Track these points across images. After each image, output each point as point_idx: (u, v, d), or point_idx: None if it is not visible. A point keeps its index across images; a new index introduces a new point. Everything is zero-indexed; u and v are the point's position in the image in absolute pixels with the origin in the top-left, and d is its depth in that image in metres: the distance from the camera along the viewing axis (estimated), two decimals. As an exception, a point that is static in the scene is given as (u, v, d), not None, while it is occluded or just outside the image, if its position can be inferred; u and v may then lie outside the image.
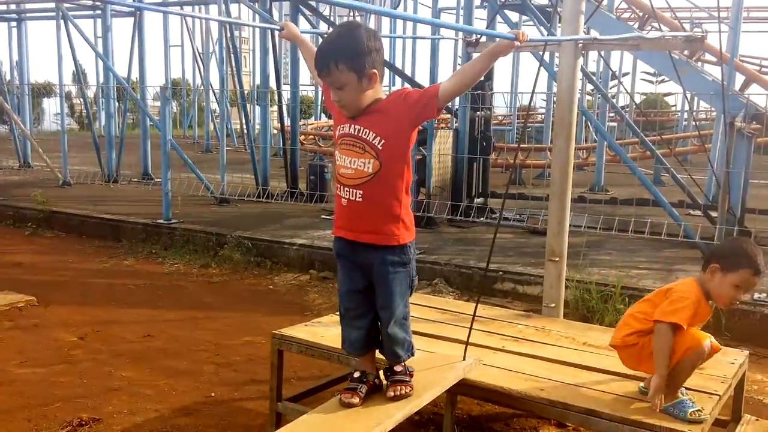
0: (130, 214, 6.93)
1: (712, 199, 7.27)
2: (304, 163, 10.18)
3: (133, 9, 9.72)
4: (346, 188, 2.04)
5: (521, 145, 10.66)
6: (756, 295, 4.33)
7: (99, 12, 9.51)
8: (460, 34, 7.18)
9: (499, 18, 7.68)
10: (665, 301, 2.15)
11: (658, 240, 5.82)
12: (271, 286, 5.22)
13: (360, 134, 2.00)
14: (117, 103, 10.76)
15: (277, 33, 2.41)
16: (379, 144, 1.98)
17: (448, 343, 2.82)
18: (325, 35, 2.04)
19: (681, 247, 5.69)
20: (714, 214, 6.12)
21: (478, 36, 4.65)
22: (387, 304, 2.07)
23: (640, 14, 9.00)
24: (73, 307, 4.53)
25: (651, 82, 24.80)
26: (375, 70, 1.97)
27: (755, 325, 4.16)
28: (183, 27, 19.83)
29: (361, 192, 2.00)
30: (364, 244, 2.06)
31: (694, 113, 16.36)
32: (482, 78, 8.14)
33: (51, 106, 27.41)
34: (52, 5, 8.06)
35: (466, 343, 2.53)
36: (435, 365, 2.40)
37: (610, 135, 10.14)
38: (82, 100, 12.07)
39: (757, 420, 2.71)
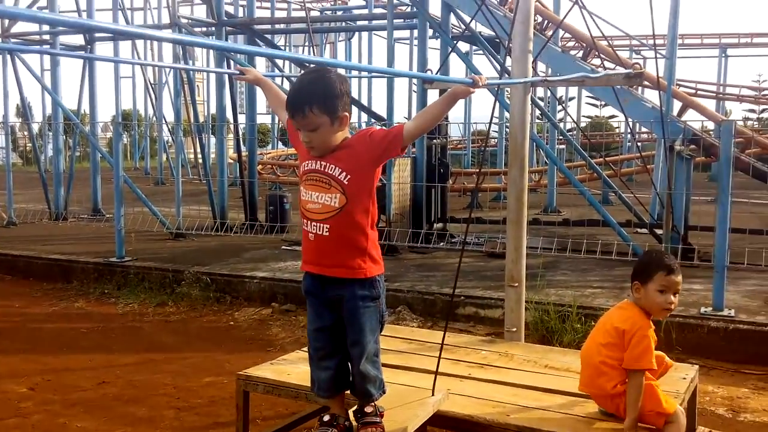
0: (80, 254, 6.68)
1: (657, 217, 7.57)
2: (262, 192, 10.07)
3: (83, 43, 9.54)
4: (313, 223, 2.08)
5: (478, 171, 10.83)
6: (702, 309, 4.49)
7: (47, 47, 9.26)
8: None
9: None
10: (630, 347, 2.21)
11: (610, 259, 6.00)
12: (232, 322, 5.10)
13: (326, 170, 2.06)
14: (65, 137, 10.45)
15: (235, 77, 2.46)
16: (345, 179, 2.04)
17: (416, 374, 2.82)
18: (295, 78, 2.07)
19: (631, 265, 5.85)
20: (660, 232, 6.38)
21: (433, 73, 4.77)
22: (358, 340, 2.08)
23: (584, 45, 9.40)
24: (22, 356, 4.30)
25: (596, 105, 25.78)
26: (346, 113, 2.07)
27: (703, 337, 4.31)
28: (134, 58, 19.52)
29: (328, 226, 2.05)
30: (332, 278, 2.08)
31: (637, 135, 17.08)
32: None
33: (-7, 141, 26.40)
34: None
35: (435, 377, 2.53)
36: (405, 402, 2.39)
37: (559, 158, 10.47)
38: (27, 133, 11.65)
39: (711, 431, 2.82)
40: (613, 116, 24.32)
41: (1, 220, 8.81)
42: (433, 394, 2.44)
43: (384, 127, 2.21)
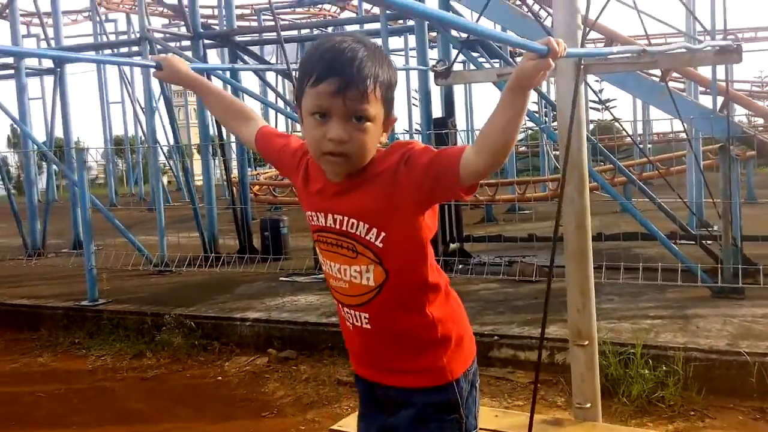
0: (50, 297, 5.86)
1: (697, 227, 6.78)
2: (261, 214, 9.31)
3: (52, 66, 8.83)
4: (345, 308, 1.41)
5: (486, 182, 9.97)
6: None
7: (12, 72, 8.54)
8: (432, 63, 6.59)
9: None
10: None
11: (656, 277, 5.16)
12: (220, 377, 4.26)
13: (345, 227, 1.30)
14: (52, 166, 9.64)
15: (154, 74, 1.67)
16: (377, 240, 1.30)
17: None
18: (326, 43, 1.30)
19: (684, 285, 5.01)
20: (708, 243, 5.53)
21: (447, 65, 3.98)
22: None
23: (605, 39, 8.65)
24: (-45, 438, 3.48)
25: (597, 109, 24.97)
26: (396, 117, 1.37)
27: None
28: (121, 84, 18.95)
29: (367, 315, 1.36)
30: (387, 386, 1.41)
31: (653, 136, 16.34)
32: (444, 116, 7.38)
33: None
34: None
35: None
36: None
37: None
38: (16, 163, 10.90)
39: None
40: (616, 119, 23.52)
41: (-31, 260, 7.99)
42: None
43: (417, 144, 1.35)
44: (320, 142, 1.26)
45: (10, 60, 8.29)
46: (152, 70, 1.66)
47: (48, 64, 8.85)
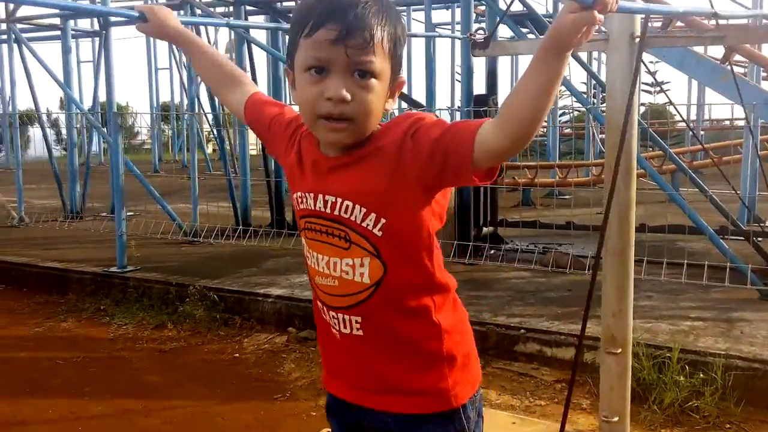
0: (81, 261, 5.93)
1: (748, 222, 6.35)
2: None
3: (97, 28, 8.87)
4: (332, 312, 1.18)
5: (525, 165, 9.57)
6: None
7: (59, 33, 8.62)
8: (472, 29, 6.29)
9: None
10: None
11: (700, 274, 4.81)
12: (237, 354, 4.21)
13: (337, 212, 1.10)
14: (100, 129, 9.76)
15: (137, 27, 1.44)
16: (375, 227, 1.09)
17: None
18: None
19: (731, 285, 4.65)
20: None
21: (486, 34, 3.71)
22: None
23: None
24: (-27, 400, 3.52)
25: (649, 92, 23.81)
26: (403, 79, 1.18)
27: None
28: (170, 50, 19.11)
29: (359, 320, 1.14)
30: (380, 412, 1.18)
31: (705, 123, 15.47)
32: (486, 93, 7.06)
33: (39, 133, 26.57)
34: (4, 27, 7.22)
35: None
36: None
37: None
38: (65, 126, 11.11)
39: None
40: (672, 103, 22.35)
41: (9, 218, 8.20)
42: None
43: (429, 116, 1.16)
44: (316, 103, 1.08)
45: (57, 21, 8.36)
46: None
47: (96, 26, 8.89)
